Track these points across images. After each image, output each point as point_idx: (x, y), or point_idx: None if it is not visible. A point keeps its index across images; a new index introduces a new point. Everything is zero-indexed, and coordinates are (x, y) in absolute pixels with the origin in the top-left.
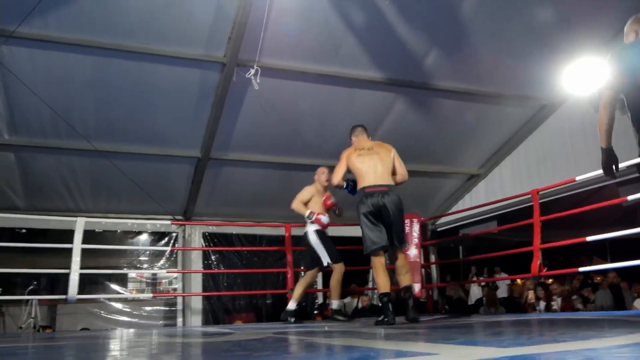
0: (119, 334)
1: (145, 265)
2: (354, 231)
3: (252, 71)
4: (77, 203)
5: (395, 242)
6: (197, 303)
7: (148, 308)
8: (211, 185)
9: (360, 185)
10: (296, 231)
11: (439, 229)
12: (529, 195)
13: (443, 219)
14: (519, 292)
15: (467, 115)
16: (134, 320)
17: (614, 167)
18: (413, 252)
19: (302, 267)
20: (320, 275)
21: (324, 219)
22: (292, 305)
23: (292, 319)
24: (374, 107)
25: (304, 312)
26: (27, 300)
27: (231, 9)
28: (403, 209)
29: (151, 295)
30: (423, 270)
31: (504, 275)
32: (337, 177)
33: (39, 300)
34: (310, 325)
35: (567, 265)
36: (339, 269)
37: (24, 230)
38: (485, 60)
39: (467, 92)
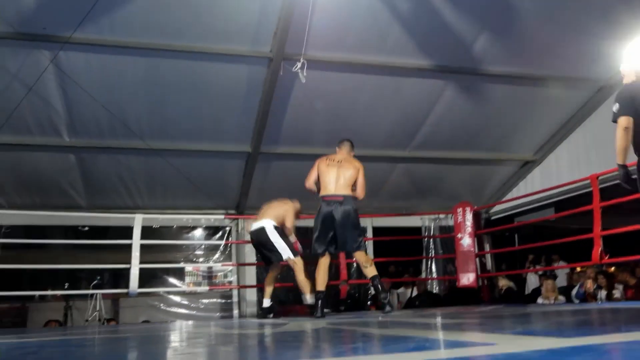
0: (178, 325)
1: (201, 259)
2: (403, 221)
3: (299, 65)
4: (135, 200)
5: (346, 247)
6: (252, 295)
7: (205, 300)
8: (262, 178)
9: (320, 193)
10: None
11: (492, 218)
12: (588, 181)
13: (497, 207)
14: (577, 281)
15: (520, 100)
16: (192, 312)
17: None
18: (466, 241)
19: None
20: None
21: None
22: (266, 303)
23: (270, 315)
24: (422, 95)
25: (358, 303)
26: (92, 295)
27: (276, 3)
28: (354, 219)
29: (207, 288)
30: (477, 259)
31: (562, 263)
32: (309, 181)
33: (102, 294)
34: (362, 316)
35: (630, 253)
36: (300, 263)
37: (86, 228)
38: (538, 41)
39: (520, 76)
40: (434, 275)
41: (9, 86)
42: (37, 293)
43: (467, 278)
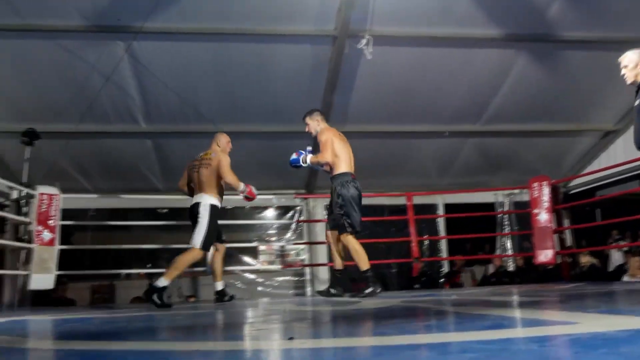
0: (254, 302)
1: (273, 239)
2: (476, 198)
3: (364, 41)
4: None
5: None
6: (323, 273)
7: (279, 279)
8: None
9: (342, 170)
10: (418, 200)
11: (571, 192)
12: None
13: (576, 181)
14: None
15: (599, 67)
16: (267, 290)
17: None
18: (544, 217)
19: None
20: (444, 243)
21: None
22: (219, 286)
23: (227, 297)
24: (493, 66)
25: (432, 281)
26: None
27: None
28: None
29: (280, 266)
30: (556, 236)
31: None
32: (329, 155)
33: (183, 272)
34: (437, 294)
35: None
36: (223, 251)
37: (165, 210)
38: (617, 2)
39: (599, 40)
40: (509, 252)
41: (88, 77)
42: (122, 271)
43: (545, 255)
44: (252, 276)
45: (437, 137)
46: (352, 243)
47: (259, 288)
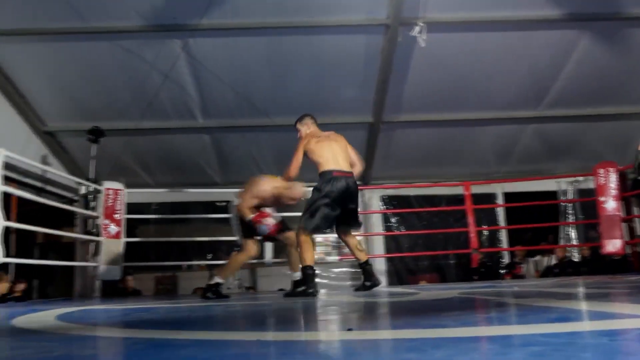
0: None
1: (329, 230)
2: (537, 186)
3: (417, 29)
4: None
5: (354, 224)
6: (380, 265)
7: (336, 270)
8: (385, 148)
9: (322, 169)
10: (476, 189)
11: None
12: None
13: None
14: None
15: None
16: (324, 281)
17: None
18: (611, 204)
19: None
20: (494, 235)
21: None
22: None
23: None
24: (554, 49)
25: (491, 272)
26: None
27: None
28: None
29: (337, 258)
30: (624, 224)
31: None
32: (295, 169)
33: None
34: (496, 285)
35: None
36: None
37: (223, 203)
38: None
39: None
40: (574, 242)
41: (148, 76)
42: (184, 263)
43: (613, 245)
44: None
45: (495, 125)
46: (303, 239)
47: (316, 279)
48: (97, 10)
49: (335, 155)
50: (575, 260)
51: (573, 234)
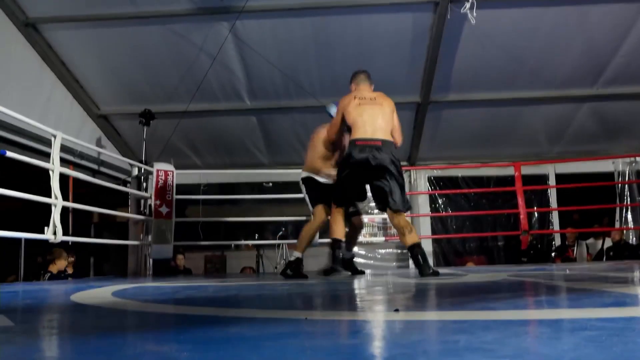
0: (358, 275)
1: (375, 211)
2: (592, 167)
3: (467, 5)
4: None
5: (390, 203)
6: (427, 246)
7: (382, 251)
8: (433, 128)
9: (352, 137)
10: (526, 170)
11: None
12: None
13: None
14: None
15: None
16: (370, 262)
17: None
18: None
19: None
20: (534, 217)
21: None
22: (297, 254)
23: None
24: (612, 23)
25: (541, 254)
26: (279, 244)
27: None
28: (395, 167)
29: (383, 238)
30: None
31: None
32: (332, 131)
33: (287, 244)
34: (546, 268)
35: None
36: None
37: (270, 184)
38: None
39: None
40: (630, 224)
41: (196, 59)
42: (232, 243)
43: None
44: (355, 248)
45: (549, 104)
46: (333, 210)
47: (362, 260)
48: None
49: (373, 121)
50: (632, 243)
51: (630, 216)
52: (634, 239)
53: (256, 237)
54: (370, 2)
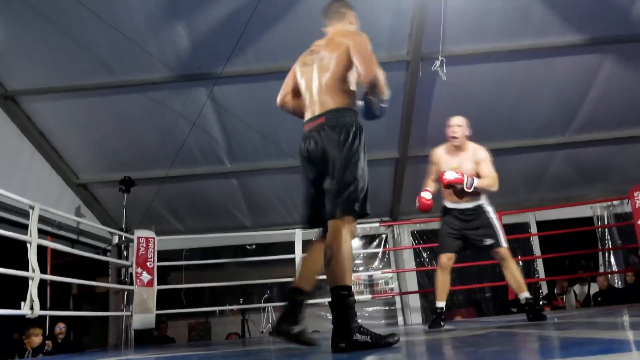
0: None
1: (361, 268)
2: (571, 212)
3: (437, 63)
4: (293, 216)
5: (329, 209)
6: (414, 301)
7: (369, 309)
8: (413, 183)
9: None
10: (508, 219)
11: None
12: None
13: None
14: None
15: None
16: (358, 320)
17: None
18: None
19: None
20: (541, 263)
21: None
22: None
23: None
24: (577, 73)
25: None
26: (264, 308)
27: (408, 5)
28: (344, 147)
29: (370, 296)
30: None
31: None
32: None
33: (274, 307)
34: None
35: None
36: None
37: (253, 246)
38: None
39: None
40: (614, 268)
41: (176, 124)
42: (217, 308)
43: None
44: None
45: (523, 153)
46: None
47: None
48: (126, 65)
49: (312, 91)
50: (617, 286)
51: (613, 259)
52: (619, 282)
53: (241, 302)
54: None
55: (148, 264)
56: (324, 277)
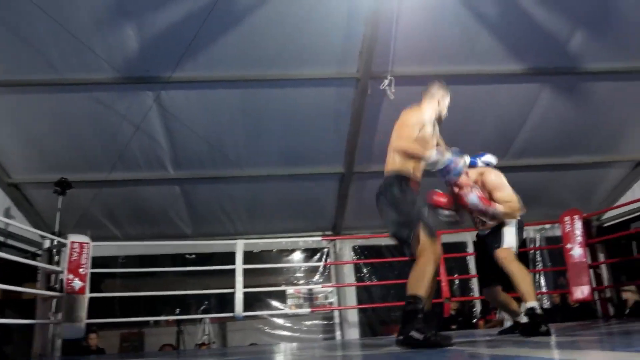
0: (283, 348)
1: (301, 282)
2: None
3: (386, 82)
4: (236, 226)
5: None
6: (353, 316)
7: (308, 323)
8: (357, 198)
9: None
10: (446, 238)
11: (605, 225)
12: None
13: (609, 214)
14: None
15: (627, 97)
16: (295, 334)
17: None
18: (577, 251)
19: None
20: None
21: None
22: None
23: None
24: (518, 101)
25: (467, 320)
26: (201, 319)
27: (360, 24)
28: (391, 197)
29: (309, 310)
30: (591, 271)
31: None
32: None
33: (211, 318)
34: (472, 335)
35: None
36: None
37: (193, 256)
38: None
39: (625, 70)
40: (543, 289)
41: (119, 127)
42: (151, 319)
43: (581, 291)
44: (280, 321)
45: None
46: None
47: (288, 333)
48: (70, 63)
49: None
50: (546, 307)
51: (543, 281)
52: (548, 302)
53: (177, 312)
54: (297, 76)
55: (81, 270)
56: None
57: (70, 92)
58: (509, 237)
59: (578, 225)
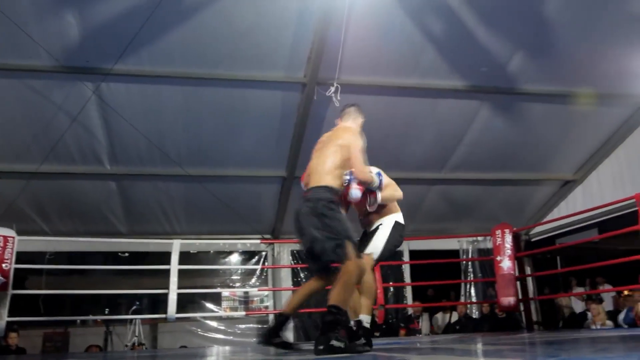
0: (215, 351)
1: (237, 284)
2: (440, 244)
3: (332, 89)
4: (173, 226)
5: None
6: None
7: (242, 326)
8: (298, 203)
9: None
10: None
11: (533, 240)
12: (633, 200)
13: (537, 229)
14: (625, 305)
15: (558, 119)
16: (228, 337)
17: None
18: (506, 264)
19: None
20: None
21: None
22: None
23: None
24: (457, 116)
25: (392, 328)
26: (132, 320)
27: (309, 30)
28: (314, 217)
29: (244, 313)
30: (518, 282)
31: (608, 287)
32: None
33: (142, 319)
34: (400, 342)
35: None
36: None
37: (126, 254)
38: (575, 58)
39: (557, 94)
40: (474, 299)
41: (54, 117)
42: (78, 318)
43: (509, 302)
44: (213, 323)
45: (404, 184)
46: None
47: (221, 336)
48: (3, 46)
49: (311, 167)
50: (475, 317)
51: (473, 291)
52: (477, 312)
53: (106, 312)
54: (243, 78)
55: (4, 265)
56: None
57: (1, 77)
58: (377, 241)
59: (508, 238)
